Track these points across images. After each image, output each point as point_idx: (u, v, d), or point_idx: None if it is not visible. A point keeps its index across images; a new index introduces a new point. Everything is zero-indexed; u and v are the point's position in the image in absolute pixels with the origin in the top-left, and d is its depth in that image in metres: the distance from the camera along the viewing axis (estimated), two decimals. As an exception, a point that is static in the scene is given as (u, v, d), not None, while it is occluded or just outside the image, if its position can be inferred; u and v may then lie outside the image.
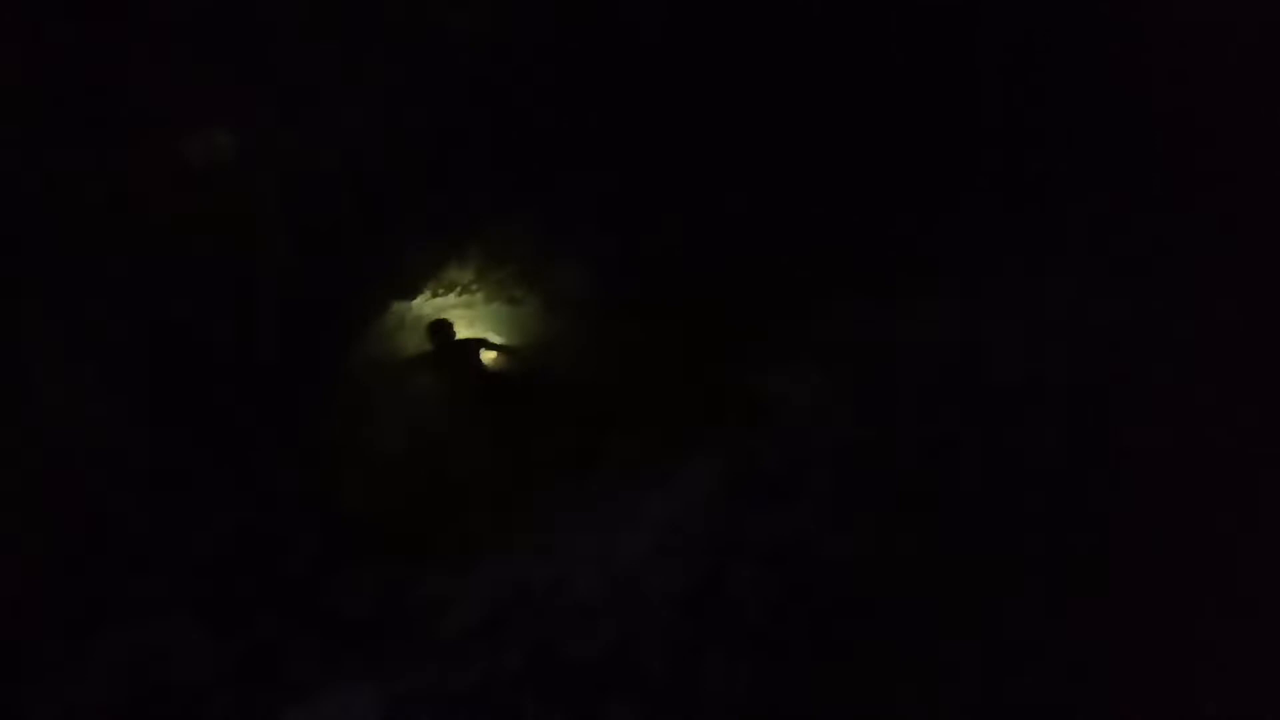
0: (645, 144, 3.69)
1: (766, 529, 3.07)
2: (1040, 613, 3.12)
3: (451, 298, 3.76)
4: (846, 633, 3.01)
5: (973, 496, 3.25)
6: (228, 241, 3.31)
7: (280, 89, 3.32)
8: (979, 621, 3.08)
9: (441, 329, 3.73)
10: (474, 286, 3.71)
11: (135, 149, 3.17)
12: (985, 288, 3.42)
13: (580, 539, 3.08)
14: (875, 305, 3.37)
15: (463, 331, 3.90)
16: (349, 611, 3.36)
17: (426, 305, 3.78)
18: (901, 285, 3.40)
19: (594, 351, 3.50)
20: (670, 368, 3.36)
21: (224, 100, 3.29)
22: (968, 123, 3.54)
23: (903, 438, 3.27)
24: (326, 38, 3.36)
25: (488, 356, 3.71)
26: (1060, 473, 3.26)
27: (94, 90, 3.28)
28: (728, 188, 3.61)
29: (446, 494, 3.40)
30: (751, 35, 3.69)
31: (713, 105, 3.63)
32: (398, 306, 3.66)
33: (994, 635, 3.04)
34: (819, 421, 3.23)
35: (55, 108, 3.31)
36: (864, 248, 3.43)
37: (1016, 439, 3.29)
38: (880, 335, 3.32)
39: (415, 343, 3.70)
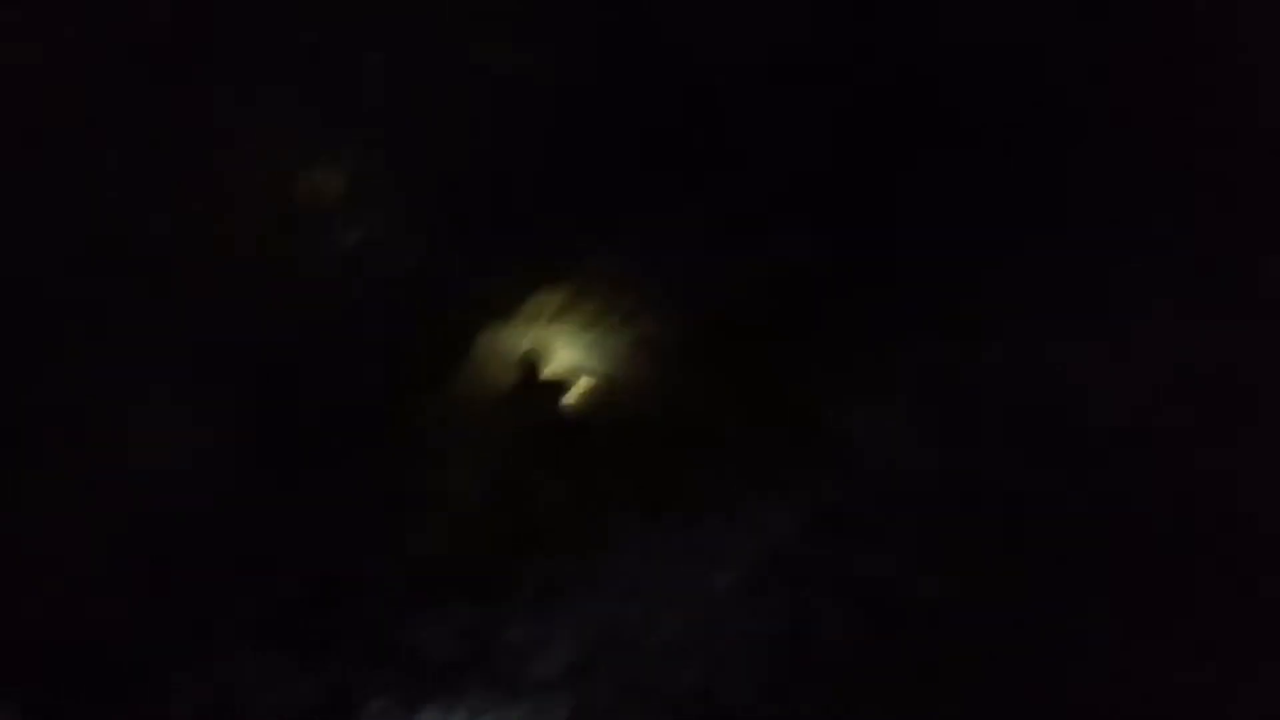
0: (730, 179, 3.76)
1: (853, 568, 3.06)
2: (1130, 655, 3.08)
3: (540, 330, 3.82)
4: (935, 674, 2.99)
5: (1060, 541, 3.22)
6: (323, 281, 3.42)
7: (373, 129, 3.44)
8: (1070, 664, 3.04)
9: (528, 365, 3.78)
10: (564, 318, 3.77)
11: (228, 192, 3.30)
12: (1076, 330, 3.41)
13: (667, 578, 3.11)
14: (961, 344, 3.37)
15: (551, 365, 3.95)
16: (433, 652, 3.39)
17: (516, 338, 3.83)
18: (988, 325, 3.40)
19: (678, 386, 3.53)
20: (755, 404, 3.38)
21: (318, 142, 3.41)
22: (1064, 158, 3.55)
23: (988, 480, 3.25)
24: (416, 78, 3.48)
25: (574, 391, 3.75)
26: (1152, 520, 3.22)
27: (186, 132, 3.42)
28: (809, 223, 3.65)
29: (530, 535, 3.43)
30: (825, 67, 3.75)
31: (791, 138, 3.69)
32: (487, 340, 3.72)
33: (1086, 677, 3.00)
34: (904, 461, 3.22)
35: (147, 149, 3.45)
36: (951, 285, 3.44)
37: (1106, 483, 3.26)
38: (966, 375, 3.31)
39: (502, 379, 3.74)
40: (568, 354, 3.94)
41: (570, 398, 3.97)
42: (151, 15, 3.45)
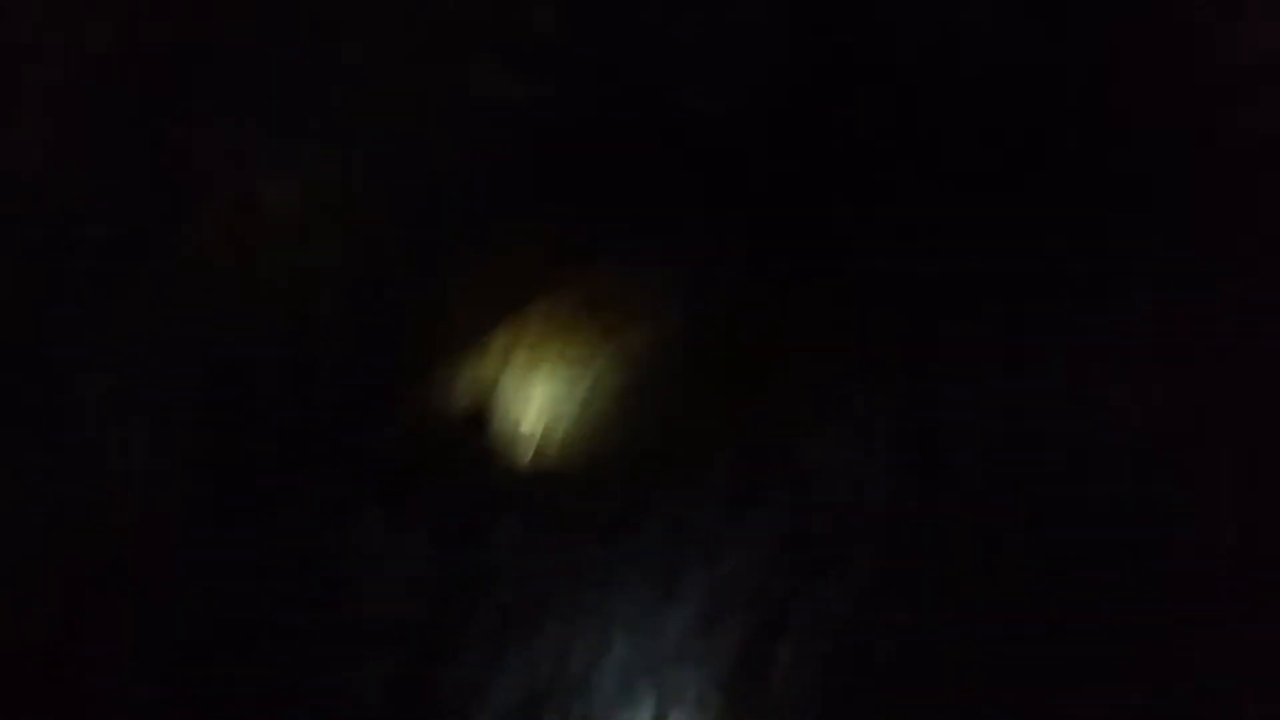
0: (706, 216, 3.77)
1: (813, 601, 3.02)
2: (1086, 692, 3.07)
3: (504, 362, 3.78)
4: (896, 709, 2.94)
5: (1015, 577, 3.21)
6: (285, 293, 3.36)
7: (344, 144, 3.41)
8: (1023, 701, 3.02)
9: (489, 395, 3.73)
10: (529, 351, 3.73)
11: (196, 201, 3.25)
12: (1033, 371, 3.43)
13: (622, 608, 3.03)
14: (934, 382, 3.38)
15: (512, 397, 3.91)
16: (372, 699, 3.27)
17: (480, 368, 3.79)
18: (946, 364, 3.42)
19: (640, 414, 3.50)
20: (718, 433, 3.36)
21: (287, 155, 3.38)
22: (1045, 199, 3.60)
23: (946, 515, 3.24)
24: (396, 92, 3.47)
25: (535, 420, 3.71)
26: (1103, 559, 3.23)
27: (155, 142, 3.37)
28: (784, 258, 3.67)
29: (482, 570, 3.36)
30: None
31: (769, 176, 3.71)
32: (448, 368, 3.67)
33: (1039, 714, 2.97)
34: (862, 493, 3.20)
35: (116, 158, 3.40)
36: (925, 322, 3.45)
37: (1060, 523, 3.27)
38: (937, 413, 3.31)
39: (461, 408, 3.69)
40: (530, 386, 3.91)
41: (530, 427, 3.93)
42: (124, 27, 3.43)
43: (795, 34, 3.74)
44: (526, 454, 3.76)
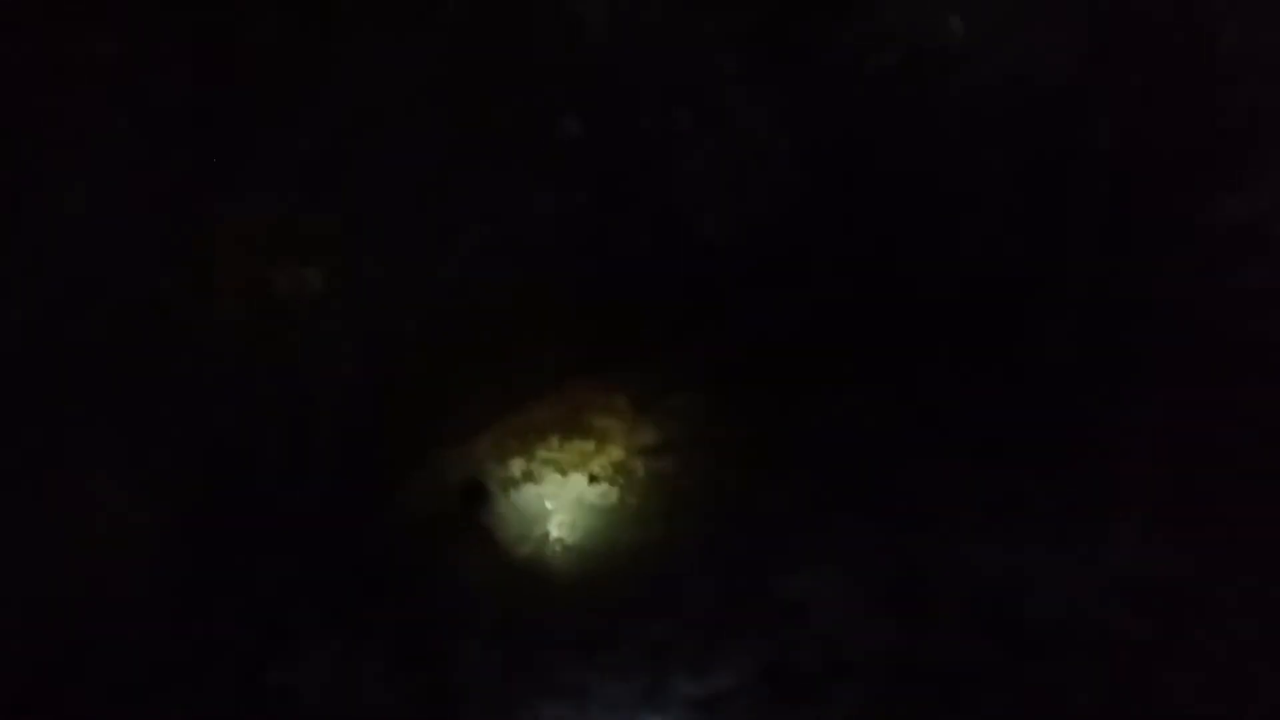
0: (706, 340, 3.86)
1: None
2: None
3: (503, 462, 3.80)
4: None
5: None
6: (294, 370, 3.40)
7: (374, 234, 3.50)
8: None
9: (482, 491, 3.72)
10: (528, 450, 3.75)
11: (221, 273, 3.31)
12: (1026, 523, 3.44)
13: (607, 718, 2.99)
14: (911, 526, 3.39)
15: (504, 495, 3.90)
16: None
17: (478, 462, 3.80)
18: (941, 512, 3.44)
19: (626, 536, 3.50)
20: (703, 561, 3.34)
21: (305, 243, 3.46)
22: (1030, 340, 3.68)
23: (930, 657, 3.20)
24: (430, 192, 3.57)
25: (524, 532, 3.69)
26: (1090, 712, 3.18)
27: (181, 218, 3.45)
28: (777, 387, 3.73)
29: (447, 686, 3.30)
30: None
31: (768, 306, 3.80)
32: (447, 460, 3.68)
33: None
34: (849, 630, 3.17)
35: (145, 228, 3.46)
36: (911, 465, 3.49)
37: (1045, 675, 3.23)
38: (920, 556, 3.32)
39: (455, 500, 3.69)
40: (515, 495, 3.90)
41: (519, 537, 3.90)
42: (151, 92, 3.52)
43: (809, 175, 3.89)
44: (510, 564, 3.72)
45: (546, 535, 3.68)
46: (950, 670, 3.14)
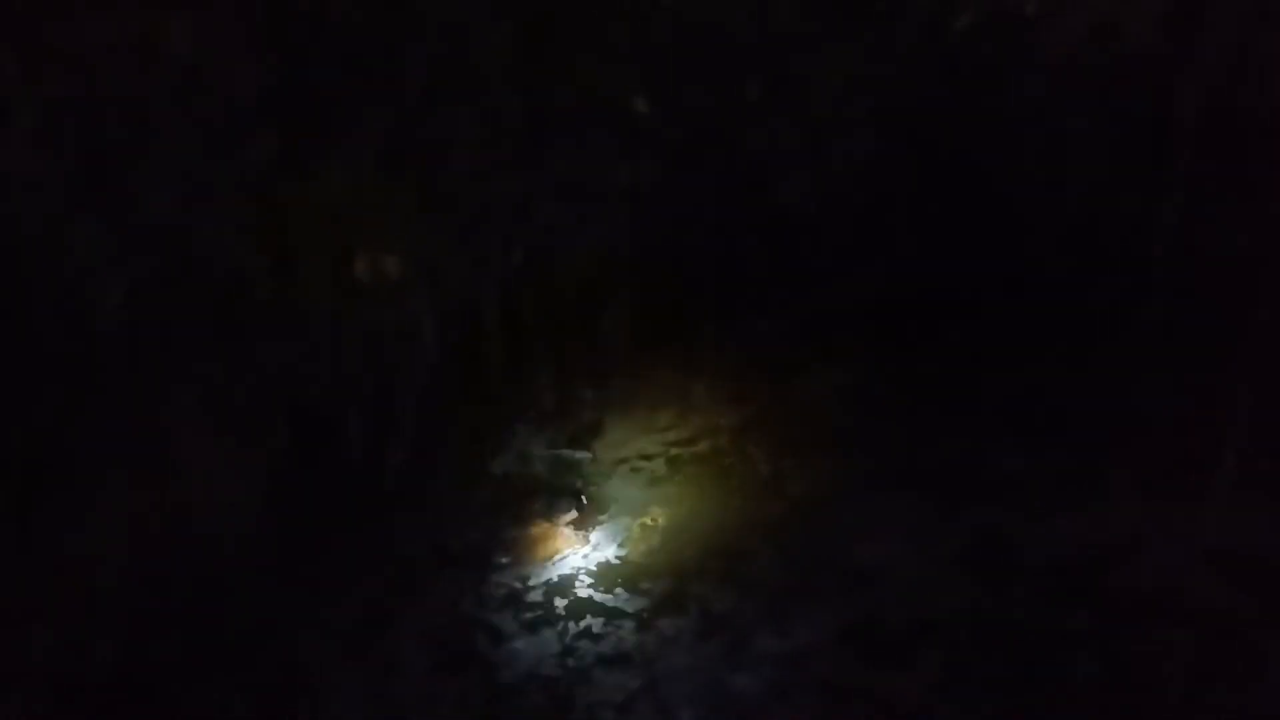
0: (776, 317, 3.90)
1: (875, 687, 2.98)
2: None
3: (587, 434, 3.90)
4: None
5: (1075, 690, 3.12)
6: (378, 351, 3.48)
7: (450, 214, 3.56)
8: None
9: (563, 470, 3.84)
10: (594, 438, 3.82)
11: (304, 255, 3.38)
12: (1108, 495, 3.40)
13: (690, 675, 3.01)
14: (1006, 495, 3.38)
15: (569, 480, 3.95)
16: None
17: (553, 444, 3.89)
18: (1035, 479, 3.42)
19: (712, 512, 3.54)
20: (789, 534, 3.38)
21: (395, 217, 3.52)
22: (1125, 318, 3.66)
23: (1013, 620, 3.18)
24: (500, 176, 3.62)
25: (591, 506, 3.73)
26: (1166, 689, 3.13)
27: (269, 199, 3.52)
28: (853, 362, 3.75)
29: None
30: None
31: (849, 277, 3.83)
32: (522, 443, 3.76)
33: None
34: (934, 592, 3.16)
35: (229, 212, 3.54)
36: (1003, 435, 3.50)
37: (1132, 642, 3.18)
38: (1007, 523, 3.30)
39: (531, 483, 3.81)
40: (605, 464, 3.94)
41: (600, 512, 3.92)
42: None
43: (884, 142, 3.88)
44: (584, 538, 3.74)
45: (629, 507, 3.71)
46: (1030, 633, 3.11)
